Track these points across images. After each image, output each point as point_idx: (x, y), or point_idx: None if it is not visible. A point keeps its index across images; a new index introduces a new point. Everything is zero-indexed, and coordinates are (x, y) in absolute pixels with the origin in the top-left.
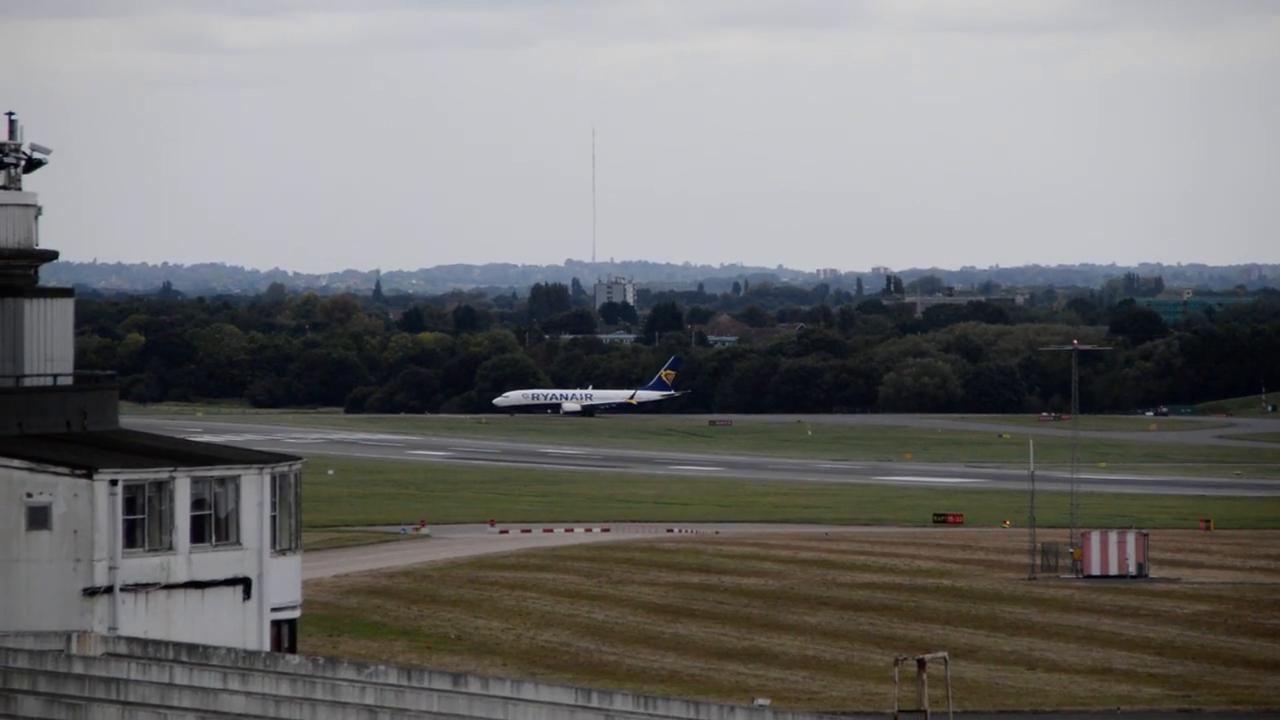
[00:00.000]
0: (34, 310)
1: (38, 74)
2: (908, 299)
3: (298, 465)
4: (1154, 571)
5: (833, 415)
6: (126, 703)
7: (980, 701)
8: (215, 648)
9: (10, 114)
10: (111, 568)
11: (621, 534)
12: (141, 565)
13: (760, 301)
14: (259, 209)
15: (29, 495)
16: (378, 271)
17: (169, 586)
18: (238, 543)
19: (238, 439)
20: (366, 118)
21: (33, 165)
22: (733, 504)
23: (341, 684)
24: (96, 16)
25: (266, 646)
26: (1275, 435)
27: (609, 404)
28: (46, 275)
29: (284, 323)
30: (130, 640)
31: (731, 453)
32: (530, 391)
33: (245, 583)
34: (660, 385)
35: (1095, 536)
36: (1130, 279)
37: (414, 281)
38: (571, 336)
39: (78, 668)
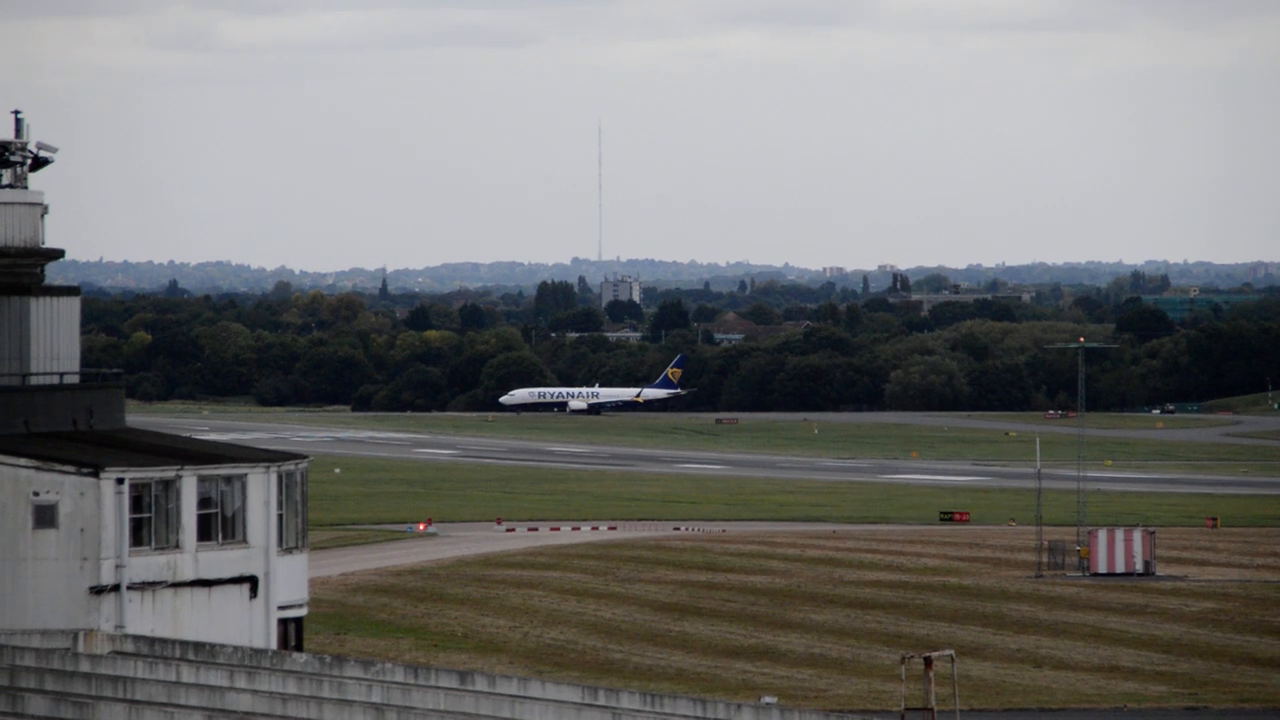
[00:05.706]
0: (40, 309)
1: (44, 72)
2: (914, 297)
3: (304, 464)
4: (1160, 569)
5: (839, 413)
6: (133, 701)
7: (987, 699)
8: (222, 646)
9: (16, 112)
10: (118, 566)
11: (628, 532)
12: (148, 564)
13: (766, 299)
14: (265, 207)
15: (35, 494)
16: (384, 270)
17: (175, 585)
18: (244, 541)
19: (244, 437)
20: (372, 115)
21: (39, 164)
22: (739, 502)
23: (348, 682)
24: (101, 15)
25: (273, 645)
26: None
27: (615, 402)
28: (53, 274)
29: (290, 321)
30: (137, 639)
31: (738, 451)
32: (536, 390)
33: (252, 581)
34: (666, 383)
35: (1102, 534)
36: (1137, 277)
37: (420, 280)
38: (578, 335)
39: (84, 666)
